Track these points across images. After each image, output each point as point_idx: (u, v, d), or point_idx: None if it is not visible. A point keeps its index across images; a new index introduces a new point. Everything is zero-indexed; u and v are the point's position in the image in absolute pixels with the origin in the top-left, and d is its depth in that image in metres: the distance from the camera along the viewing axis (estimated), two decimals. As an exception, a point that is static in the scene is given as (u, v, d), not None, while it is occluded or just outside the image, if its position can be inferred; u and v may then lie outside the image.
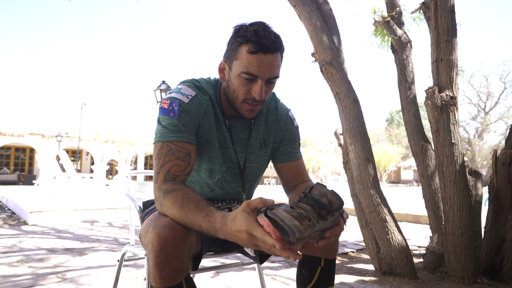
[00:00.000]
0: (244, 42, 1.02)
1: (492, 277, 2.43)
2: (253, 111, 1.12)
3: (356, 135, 2.56)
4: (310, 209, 0.82)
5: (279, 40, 1.05)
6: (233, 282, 2.38)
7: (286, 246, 0.76)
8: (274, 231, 0.75)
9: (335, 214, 0.85)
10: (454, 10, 2.38)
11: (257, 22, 1.06)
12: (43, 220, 5.10)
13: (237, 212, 0.82)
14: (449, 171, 2.33)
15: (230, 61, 1.08)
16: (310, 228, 0.80)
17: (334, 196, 0.85)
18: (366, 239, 2.66)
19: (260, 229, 0.77)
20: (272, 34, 1.03)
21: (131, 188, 1.62)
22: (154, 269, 0.88)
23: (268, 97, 1.13)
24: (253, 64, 1.02)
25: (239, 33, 1.05)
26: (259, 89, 1.05)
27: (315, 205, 0.82)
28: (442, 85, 2.36)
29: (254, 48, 1.01)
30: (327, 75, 2.64)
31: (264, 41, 1.00)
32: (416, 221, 6.01)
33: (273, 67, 1.05)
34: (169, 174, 1.02)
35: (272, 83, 1.09)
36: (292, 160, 1.29)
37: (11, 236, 4.01)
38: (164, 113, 1.07)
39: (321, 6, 2.83)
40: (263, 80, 1.05)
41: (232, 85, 1.09)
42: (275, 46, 1.03)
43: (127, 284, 2.28)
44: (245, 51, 1.03)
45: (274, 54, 1.03)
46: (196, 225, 0.90)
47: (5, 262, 2.82)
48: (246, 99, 1.08)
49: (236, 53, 1.05)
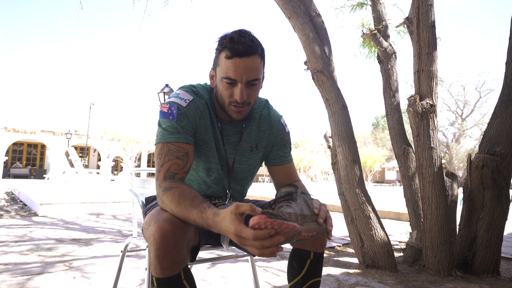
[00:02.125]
0: (222, 49, 1.04)
1: (465, 270, 2.45)
2: (240, 113, 1.10)
3: (344, 138, 2.57)
4: (278, 204, 0.93)
5: (255, 43, 1.03)
6: (228, 273, 2.37)
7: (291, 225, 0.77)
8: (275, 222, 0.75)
9: (297, 193, 0.94)
10: (434, 26, 2.40)
11: (236, 30, 1.05)
12: (52, 211, 5.06)
13: (226, 212, 0.82)
14: (428, 172, 2.35)
15: (215, 68, 1.10)
16: (289, 208, 0.88)
17: (287, 187, 1.00)
18: (351, 234, 2.67)
19: (249, 230, 0.76)
20: (248, 39, 1.02)
21: (135, 184, 1.62)
22: (155, 260, 0.88)
23: (254, 99, 1.11)
24: (230, 68, 1.02)
25: (219, 42, 1.06)
26: (239, 92, 1.04)
27: (280, 201, 0.94)
28: (423, 93, 2.38)
29: (230, 53, 1.01)
30: (318, 82, 2.64)
31: (238, 46, 1.00)
32: (397, 218, 6.04)
33: (250, 69, 1.03)
34: (169, 172, 1.03)
35: (254, 85, 1.07)
36: (284, 163, 1.29)
37: (22, 226, 3.98)
38: (164, 116, 1.08)
39: (314, 19, 2.84)
40: (242, 83, 1.04)
41: (218, 90, 1.10)
42: (249, 50, 1.01)
43: (130, 274, 2.27)
44: (223, 57, 1.04)
45: (250, 57, 1.02)
46: (192, 220, 0.90)
47: (17, 250, 2.79)
48: (231, 102, 1.08)
49: (217, 60, 1.07)
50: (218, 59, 1.06)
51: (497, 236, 2.40)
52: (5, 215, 4.85)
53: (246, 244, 0.78)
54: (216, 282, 2.15)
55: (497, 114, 2.45)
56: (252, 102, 1.11)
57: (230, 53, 1.01)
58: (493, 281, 2.29)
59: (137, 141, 24.53)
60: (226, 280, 2.20)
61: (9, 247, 2.90)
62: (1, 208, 5.57)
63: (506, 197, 2.44)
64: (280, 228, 0.75)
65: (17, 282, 2.00)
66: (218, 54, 1.06)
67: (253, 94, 1.10)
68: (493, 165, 2.39)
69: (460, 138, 33.44)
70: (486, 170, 2.41)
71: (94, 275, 2.20)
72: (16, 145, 24.17)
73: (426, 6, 2.38)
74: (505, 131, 2.40)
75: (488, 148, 2.45)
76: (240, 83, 1.04)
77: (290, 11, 2.72)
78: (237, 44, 1.00)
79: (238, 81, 1.04)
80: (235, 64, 1.02)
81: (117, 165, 28.55)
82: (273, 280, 2.24)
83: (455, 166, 32.80)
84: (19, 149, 24.58)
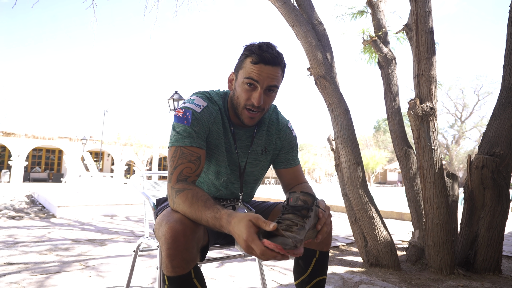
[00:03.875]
0: (249, 55, 1.05)
1: (466, 268, 2.41)
2: (252, 118, 1.11)
3: (346, 141, 2.55)
4: (292, 216, 0.86)
5: (280, 56, 1.06)
6: (235, 272, 2.37)
7: (291, 252, 0.77)
8: (277, 247, 0.76)
9: (313, 208, 0.89)
10: (433, 31, 2.38)
11: (264, 41, 1.08)
12: (69, 213, 5.11)
13: (244, 217, 0.82)
14: (429, 173, 2.32)
15: (237, 72, 1.11)
16: (302, 229, 0.83)
17: (305, 195, 0.90)
18: (355, 234, 2.65)
19: (259, 243, 0.77)
20: (275, 51, 1.05)
21: (146, 186, 1.62)
22: (167, 259, 0.88)
23: (268, 107, 1.12)
24: (254, 71, 1.04)
25: (246, 48, 1.08)
26: (258, 96, 1.05)
27: (295, 211, 0.87)
28: (423, 97, 2.36)
29: (256, 59, 1.03)
30: (321, 87, 2.64)
31: (266, 54, 1.03)
32: (400, 218, 5.97)
33: (272, 77, 1.05)
34: (182, 175, 1.02)
35: (271, 92, 1.09)
36: (291, 166, 1.29)
37: (41, 228, 4.02)
38: (179, 120, 1.08)
39: (316, 27, 2.84)
40: (262, 87, 1.05)
41: (237, 92, 1.10)
42: (275, 60, 1.04)
43: (142, 272, 2.27)
44: (249, 62, 1.05)
45: (274, 67, 1.04)
46: (204, 220, 0.90)
47: (36, 250, 2.82)
48: (246, 105, 1.09)
49: (242, 64, 1.08)
50: (243, 63, 1.07)
51: (498, 235, 2.36)
52: (25, 217, 4.91)
53: (251, 252, 0.79)
54: (224, 281, 2.14)
55: (496, 116, 2.42)
56: (266, 110, 1.12)
57: (257, 59, 1.03)
58: (495, 279, 2.24)
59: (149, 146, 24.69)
60: (235, 279, 2.19)
61: (29, 247, 2.93)
62: (22, 210, 5.63)
63: (506, 196, 2.39)
64: (288, 254, 0.78)
65: (37, 281, 2.02)
66: (244, 58, 1.07)
67: (269, 101, 1.11)
68: (492, 165, 2.35)
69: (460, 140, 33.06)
70: (486, 171, 2.37)
71: (108, 274, 2.20)
72: (36, 150, 24.50)
73: (424, 13, 2.37)
74: (504, 132, 2.36)
75: (488, 149, 2.41)
76: (260, 87, 1.05)
77: (293, 20, 2.72)
78: (265, 52, 1.03)
79: (259, 84, 1.05)
80: (259, 69, 1.04)
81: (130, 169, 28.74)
82: (280, 278, 2.22)
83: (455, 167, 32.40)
84: (38, 154, 24.91)
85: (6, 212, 5.23)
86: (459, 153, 32.88)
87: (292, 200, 0.89)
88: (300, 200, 0.88)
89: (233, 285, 2.05)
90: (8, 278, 2.06)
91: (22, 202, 7.05)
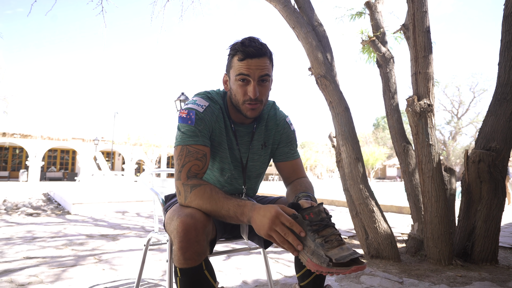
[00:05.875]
0: (235, 53, 1.06)
1: (464, 259, 2.39)
2: (254, 110, 1.10)
3: (347, 137, 2.54)
4: (330, 229, 0.82)
5: (264, 46, 1.06)
6: (242, 264, 2.37)
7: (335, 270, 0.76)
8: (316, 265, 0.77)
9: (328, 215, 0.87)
10: (429, 31, 2.35)
11: (246, 37, 1.08)
12: (83, 210, 5.15)
13: (270, 205, 0.87)
14: (427, 168, 2.30)
15: (228, 72, 1.11)
16: (340, 243, 0.80)
17: (319, 207, 0.86)
18: (356, 227, 2.64)
19: (288, 217, 0.82)
20: (257, 43, 1.05)
21: (155, 184, 1.63)
22: (179, 252, 0.88)
23: (266, 97, 1.12)
24: (243, 67, 1.04)
25: (231, 48, 1.08)
26: (252, 89, 1.05)
27: (329, 225, 0.84)
28: (421, 94, 2.34)
29: (242, 55, 1.04)
30: (322, 87, 2.62)
31: (249, 49, 1.03)
32: (399, 212, 5.94)
33: (262, 68, 1.05)
34: (191, 172, 1.02)
35: (265, 82, 1.08)
36: (290, 159, 1.28)
37: (57, 224, 4.06)
38: (183, 121, 1.08)
39: (316, 28, 2.82)
40: (254, 80, 1.05)
41: (233, 91, 1.10)
42: (260, 52, 1.04)
43: (152, 265, 2.28)
44: (236, 60, 1.05)
45: (260, 58, 1.04)
46: (225, 209, 0.92)
47: (53, 245, 2.85)
48: (245, 101, 1.08)
49: (230, 63, 1.09)
50: (231, 62, 1.08)
51: (494, 226, 2.34)
52: (42, 214, 4.96)
53: (275, 228, 0.82)
54: (231, 273, 2.15)
55: (492, 112, 2.39)
56: (264, 101, 1.11)
57: (242, 55, 1.03)
58: (491, 269, 2.22)
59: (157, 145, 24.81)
60: (241, 271, 2.19)
61: (46, 242, 2.96)
62: (39, 208, 5.69)
63: (502, 189, 2.37)
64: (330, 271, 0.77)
65: (54, 274, 2.04)
66: (231, 58, 1.08)
67: (264, 92, 1.10)
68: (489, 159, 2.33)
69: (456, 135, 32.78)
70: (483, 165, 2.34)
71: (120, 267, 2.22)
72: (51, 151, 24.75)
73: (421, 13, 2.34)
74: (500, 127, 2.33)
75: (484, 144, 2.39)
76: (252, 80, 1.05)
77: (294, 22, 2.71)
78: (248, 47, 1.03)
79: (250, 77, 1.05)
80: (247, 64, 1.04)
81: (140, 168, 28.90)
82: (284, 270, 2.22)
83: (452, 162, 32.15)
84: (53, 155, 25.16)
85: (25, 209, 5.29)
86: (456, 149, 32.62)
87: (314, 215, 0.84)
88: (322, 212, 0.85)
89: (240, 277, 2.05)
90: (28, 271, 2.08)
91: (39, 200, 7.12)
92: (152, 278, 1.99)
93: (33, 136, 21.31)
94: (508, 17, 2.37)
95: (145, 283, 1.89)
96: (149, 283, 1.91)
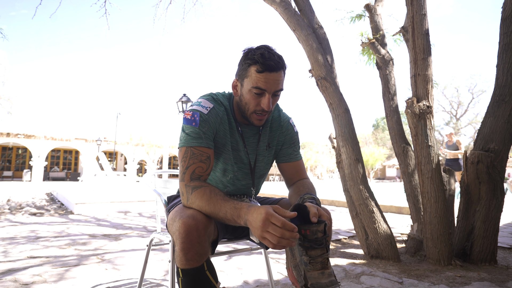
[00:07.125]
0: (253, 64, 1.05)
1: (463, 259, 2.39)
2: (261, 120, 1.13)
3: (347, 139, 2.54)
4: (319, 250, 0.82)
5: (281, 60, 1.07)
6: (243, 264, 2.37)
7: None
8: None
9: (326, 226, 0.86)
10: (428, 33, 2.35)
11: (263, 46, 1.07)
12: (85, 210, 5.15)
13: (264, 205, 0.85)
14: (426, 169, 2.30)
15: (242, 79, 1.10)
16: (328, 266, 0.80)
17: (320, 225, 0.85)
18: (356, 227, 2.64)
19: (280, 218, 0.79)
20: (276, 56, 1.05)
21: (158, 184, 1.63)
22: (181, 252, 0.88)
23: (274, 107, 1.15)
24: (261, 80, 1.04)
25: (248, 56, 1.07)
26: (267, 102, 1.06)
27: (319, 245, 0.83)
28: (420, 96, 2.34)
29: (261, 68, 1.03)
30: (322, 88, 2.62)
31: (269, 62, 1.02)
32: (399, 212, 5.93)
33: (278, 82, 1.06)
34: (194, 174, 1.03)
35: (277, 95, 1.10)
36: (292, 161, 1.28)
37: (60, 223, 4.07)
38: (187, 122, 1.08)
39: (316, 30, 2.82)
40: (270, 93, 1.06)
41: (244, 99, 1.10)
42: (278, 66, 1.04)
43: (155, 265, 2.28)
44: (254, 71, 1.04)
45: (278, 72, 1.05)
46: (222, 212, 0.91)
47: (56, 244, 2.85)
48: (256, 111, 1.10)
49: (246, 72, 1.07)
50: (248, 71, 1.07)
51: (493, 227, 2.33)
52: (45, 214, 4.97)
53: (268, 229, 0.80)
54: (233, 273, 2.15)
55: (490, 113, 2.39)
56: (272, 110, 1.13)
57: (262, 68, 1.03)
58: (490, 269, 2.22)
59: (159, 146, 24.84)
60: (242, 271, 2.19)
61: (50, 242, 2.97)
62: (42, 207, 5.70)
63: (501, 190, 2.36)
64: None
65: (57, 273, 2.04)
66: (248, 67, 1.06)
67: (275, 103, 1.12)
68: (487, 160, 2.32)
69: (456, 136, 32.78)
70: (482, 166, 2.34)
71: (123, 267, 2.22)
72: (54, 151, 24.80)
73: (420, 15, 2.34)
74: (498, 128, 2.33)
75: (483, 145, 2.39)
76: (268, 93, 1.06)
77: (295, 24, 2.71)
78: (268, 60, 1.02)
79: (267, 91, 1.06)
80: (265, 77, 1.04)
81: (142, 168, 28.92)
82: (285, 270, 2.22)
83: (451, 163, 32.04)
84: (56, 155, 25.21)
85: (28, 209, 5.30)
86: (455, 149, 32.54)
87: (310, 233, 0.83)
88: (319, 232, 0.83)
89: (241, 277, 2.05)
90: (31, 270, 2.08)
91: (43, 199, 7.13)
92: (154, 278, 1.99)
93: (36, 137, 21.35)
94: (506, 20, 2.37)
95: (147, 283, 1.89)
96: (151, 283, 1.91)
